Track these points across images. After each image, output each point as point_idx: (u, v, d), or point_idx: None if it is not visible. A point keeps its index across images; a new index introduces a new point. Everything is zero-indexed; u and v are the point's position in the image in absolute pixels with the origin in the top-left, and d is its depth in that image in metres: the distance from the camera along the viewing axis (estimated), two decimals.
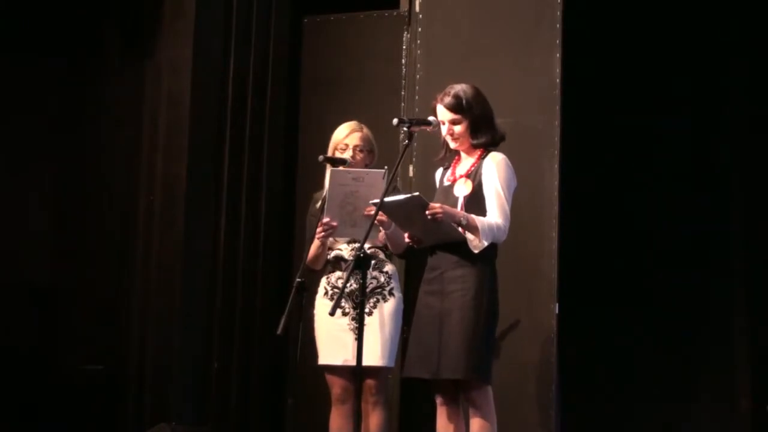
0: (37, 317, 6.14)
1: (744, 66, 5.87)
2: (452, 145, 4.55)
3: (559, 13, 5.37)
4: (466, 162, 4.56)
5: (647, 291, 5.81)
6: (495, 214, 4.41)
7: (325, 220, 4.64)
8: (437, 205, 4.33)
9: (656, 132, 5.89)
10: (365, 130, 5.01)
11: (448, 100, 4.49)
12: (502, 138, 4.55)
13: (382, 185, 4.44)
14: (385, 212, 4.47)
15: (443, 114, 4.50)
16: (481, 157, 4.50)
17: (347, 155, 4.91)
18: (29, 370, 6.04)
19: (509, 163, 4.49)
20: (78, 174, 6.29)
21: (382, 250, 4.93)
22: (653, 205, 5.89)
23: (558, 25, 5.36)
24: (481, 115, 4.50)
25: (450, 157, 4.64)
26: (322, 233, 4.69)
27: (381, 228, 4.69)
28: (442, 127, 4.52)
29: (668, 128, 5.89)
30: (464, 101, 4.47)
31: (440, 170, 4.69)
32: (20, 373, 5.99)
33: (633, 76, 5.88)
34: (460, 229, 4.37)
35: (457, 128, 4.50)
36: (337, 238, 4.88)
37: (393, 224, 4.66)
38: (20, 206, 6.10)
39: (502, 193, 4.42)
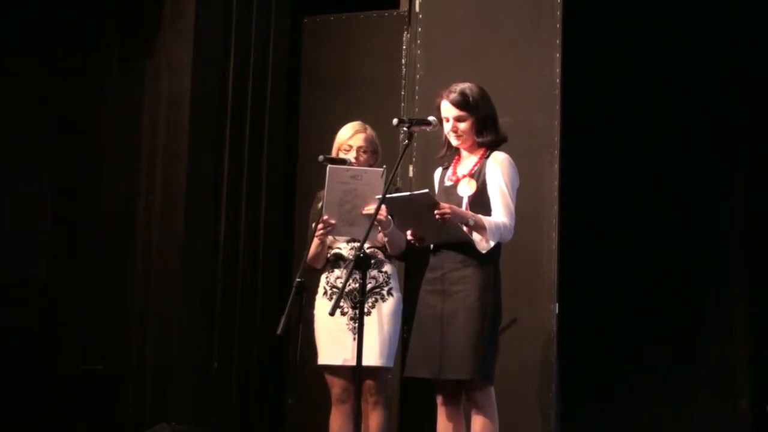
0: (37, 317, 6.13)
1: (744, 65, 5.87)
2: (454, 142, 4.52)
3: (559, 13, 5.37)
4: (467, 161, 4.54)
5: (647, 291, 5.80)
6: (500, 213, 4.40)
7: (324, 218, 4.64)
8: (446, 205, 4.31)
9: (656, 132, 5.88)
10: (369, 130, 4.99)
11: (454, 96, 4.45)
12: (504, 139, 4.54)
13: (381, 184, 4.42)
14: (389, 208, 4.44)
15: (448, 110, 4.47)
16: (484, 157, 4.49)
17: (350, 156, 4.90)
18: (29, 370, 6.03)
19: (513, 162, 4.48)
20: (78, 174, 6.28)
21: (381, 250, 4.92)
22: (653, 205, 5.88)
23: (558, 25, 5.37)
24: (486, 115, 4.48)
25: (449, 156, 4.62)
26: (321, 231, 4.69)
27: (380, 228, 4.68)
28: (445, 124, 4.49)
29: (668, 128, 5.89)
30: (471, 99, 4.45)
31: (439, 170, 4.67)
32: (20, 373, 5.97)
33: (633, 75, 5.88)
34: (465, 229, 4.36)
35: (462, 125, 4.47)
36: (336, 237, 4.88)
37: (392, 225, 4.65)
38: (20, 206, 6.09)
39: (507, 192, 4.41)
